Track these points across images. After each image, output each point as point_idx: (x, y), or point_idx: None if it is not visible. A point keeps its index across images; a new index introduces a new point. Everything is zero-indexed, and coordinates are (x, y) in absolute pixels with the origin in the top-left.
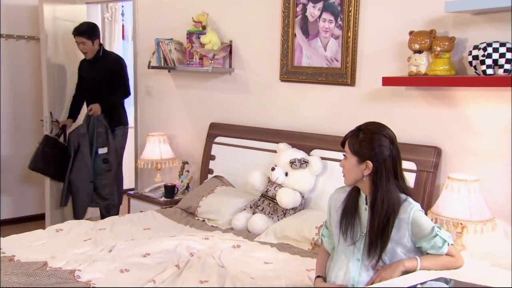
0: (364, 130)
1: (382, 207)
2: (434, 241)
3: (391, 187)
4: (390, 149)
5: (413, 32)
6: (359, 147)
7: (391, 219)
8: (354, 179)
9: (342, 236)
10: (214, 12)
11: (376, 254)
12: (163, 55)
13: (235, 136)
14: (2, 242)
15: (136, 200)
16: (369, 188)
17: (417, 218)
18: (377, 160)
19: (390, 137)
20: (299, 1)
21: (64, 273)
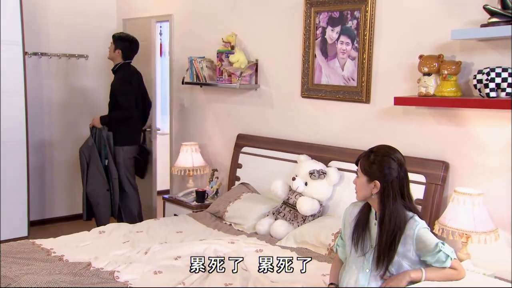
0: (375, 152)
1: (389, 224)
2: (438, 256)
3: (398, 206)
4: (398, 171)
5: (422, 56)
6: (369, 168)
7: (397, 236)
8: (364, 196)
9: (353, 247)
10: (242, 33)
11: (383, 266)
12: (195, 72)
13: (260, 147)
14: (53, 242)
15: (170, 204)
16: (377, 205)
17: (422, 235)
18: (385, 181)
19: (398, 160)
20: (319, 25)
21: (105, 273)
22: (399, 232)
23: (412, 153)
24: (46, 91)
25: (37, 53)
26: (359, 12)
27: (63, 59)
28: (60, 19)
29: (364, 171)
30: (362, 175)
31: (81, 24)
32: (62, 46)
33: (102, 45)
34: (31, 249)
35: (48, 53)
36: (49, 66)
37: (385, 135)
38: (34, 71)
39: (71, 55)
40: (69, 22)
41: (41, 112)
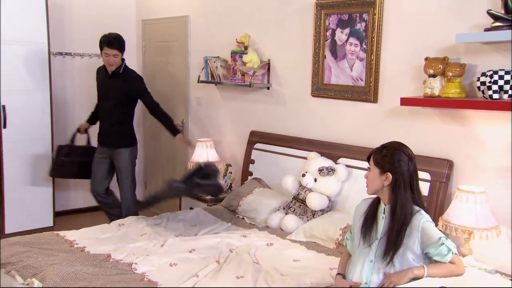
0: (387, 147)
1: (400, 214)
2: (440, 249)
3: (408, 198)
4: (408, 164)
5: (428, 58)
6: (381, 160)
7: (404, 226)
8: (375, 188)
9: (361, 239)
10: (255, 34)
11: (389, 256)
12: (210, 71)
13: (272, 143)
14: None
15: (186, 198)
16: (388, 197)
17: (426, 228)
18: (396, 173)
19: (409, 155)
20: (328, 27)
21: (123, 265)
22: (405, 223)
23: (417, 152)
24: (70, 89)
25: (62, 52)
26: (367, 14)
27: (85, 59)
28: (83, 20)
29: (377, 163)
30: (375, 168)
31: (102, 24)
32: (85, 46)
33: None
34: (56, 241)
35: (72, 53)
36: (72, 65)
37: (391, 133)
38: (58, 70)
39: (93, 54)
40: (92, 23)
41: (64, 109)
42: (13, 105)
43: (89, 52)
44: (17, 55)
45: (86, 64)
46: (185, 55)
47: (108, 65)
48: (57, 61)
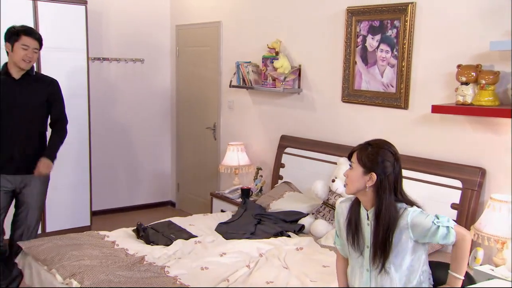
0: (373, 145)
1: (385, 218)
2: (440, 233)
3: (392, 201)
4: (394, 165)
5: (460, 66)
6: (366, 159)
7: (392, 230)
8: (356, 188)
9: (351, 247)
10: (286, 40)
11: (380, 263)
12: (242, 76)
13: (302, 148)
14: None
15: (217, 200)
16: (371, 200)
17: (416, 221)
18: (381, 173)
19: (395, 155)
20: (359, 33)
21: (156, 268)
22: (393, 228)
23: (449, 159)
24: (107, 93)
25: (99, 58)
26: (398, 21)
27: (121, 63)
28: (119, 26)
29: (361, 162)
30: (358, 167)
31: (138, 30)
32: (121, 51)
33: (156, 49)
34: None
35: (109, 58)
36: (109, 70)
37: (422, 140)
38: (96, 75)
39: (129, 59)
40: (127, 29)
41: (102, 112)
42: None
43: (125, 57)
44: (58, 61)
45: (122, 69)
46: (217, 60)
47: (23, 62)
48: (95, 66)
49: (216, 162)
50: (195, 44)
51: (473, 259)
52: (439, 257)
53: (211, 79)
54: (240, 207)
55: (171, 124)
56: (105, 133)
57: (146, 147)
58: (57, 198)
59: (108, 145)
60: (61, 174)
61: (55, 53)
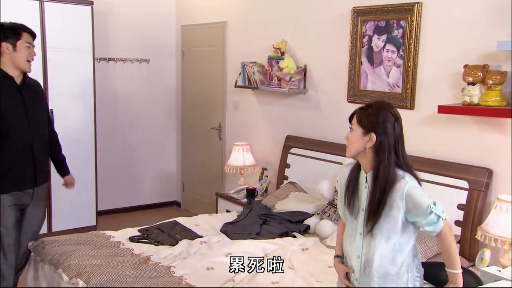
0: (372, 106)
1: (382, 179)
2: (430, 218)
3: (391, 162)
4: (394, 126)
5: (467, 66)
6: (366, 119)
7: (387, 191)
8: (356, 150)
9: (347, 210)
10: (292, 40)
11: (370, 226)
12: (247, 76)
13: (307, 148)
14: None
15: (223, 200)
16: (370, 162)
17: (411, 194)
18: (381, 134)
19: (395, 115)
20: (365, 33)
21: (162, 268)
22: (389, 190)
23: (455, 159)
24: (112, 93)
25: (105, 58)
26: (405, 21)
27: (127, 63)
28: (125, 26)
29: (360, 123)
30: (358, 128)
31: (143, 30)
32: (127, 52)
33: (162, 50)
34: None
35: (115, 58)
36: (115, 70)
37: (428, 140)
38: (102, 75)
39: (134, 59)
40: (133, 29)
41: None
42: (60, 109)
43: (131, 57)
44: (64, 61)
45: (127, 69)
46: (222, 60)
47: (27, 64)
48: (100, 66)
49: (221, 162)
50: (201, 44)
51: (480, 260)
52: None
53: (216, 79)
54: (246, 207)
55: (177, 124)
56: (110, 133)
57: (151, 147)
58: (63, 197)
59: (114, 145)
60: None
61: (61, 54)
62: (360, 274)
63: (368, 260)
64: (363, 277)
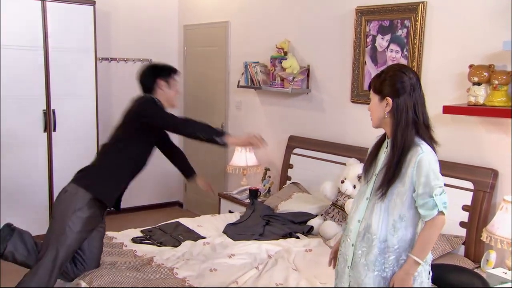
0: (385, 71)
1: (401, 140)
2: (428, 202)
3: (409, 124)
4: (411, 87)
5: (472, 66)
6: (380, 85)
7: (405, 153)
8: (378, 118)
9: (363, 175)
10: (295, 40)
11: (384, 187)
12: (250, 76)
13: (310, 149)
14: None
15: (225, 201)
16: (390, 127)
17: (422, 166)
18: (397, 96)
19: (410, 77)
20: (369, 33)
21: (165, 269)
22: (406, 152)
23: (460, 160)
24: (114, 93)
25: (107, 58)
26: (409, 21)
27: (129, 63)
28: (127, 26)
29: (375, 89)
30: (374, 95)
31: (146, 30)
32: (129, 51)
33: (164, 49)
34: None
35: (117, 58)
36: (117, 70)
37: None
38: (104, 75)
39: (137, 59)
40: (135, 29)
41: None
42: (62, 109)
43: (133, 57)
44: (66, 61)
45: (130, 69)
46: (225, 60)
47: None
48: (102, 66)
49: (223, 162)
50: (203, 44)
51: (486, 262)
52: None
53: (218, 79)
54: (248, 208)
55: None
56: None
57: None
58: None
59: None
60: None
61: (63, 53)
62: (358, 239)
63: (369, 225)
64: (360, 243)
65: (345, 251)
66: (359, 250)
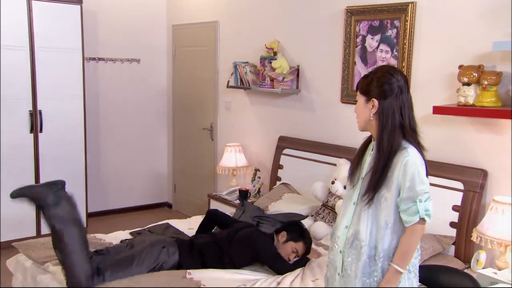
0: (372, 71)
1: (387, 144)
2: (411, 207)
3: (396, 127)
4: (398, 88)
5: (462, 66)
6: (367, 86)
7: (391, 157)
8: (363, 120)
9: (349, 180)
10: (285, 40)
11: (370, 194)
12: (239, 76)
13: (300, 149)
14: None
15: (215, 201)
16: (376, 129)
17: (408, 168)
18: (384, 97)
19: (399, 79)
20: (359, 33)
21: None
22: (393, 156)
23: (450, 160)
24: (102, 94)
25: (95, 58)
26: (399, 21)
27: (117, 63)
28: (115, 26)
29: (362, 90)
30: (361, 96)
31: (134, 30)
32: (117, 51)
33: (153, 49)
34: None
35: (105, 58)
36: (104, 70)
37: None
38: (91, 76)
39: (125, 59)
40: (123, 29)
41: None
42: (48, 110)
43: (121, 57)
44: (52, 61)
45: (118, 69)
46: (214, 60)
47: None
48: (90, 66)
49: (213, 163)
50: (192, 44)
51: (476, 262)
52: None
53: (208, 80)
54: (238, 209)
55: (168, 125)
56: (100, 134)
57: (142, 147)
58: None
59: (104, 146)
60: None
61: (50, 53)
62: (346, 246)
63: (357, 232)
64: (349, 250)
65: (334, 258)
66: (349, 258)
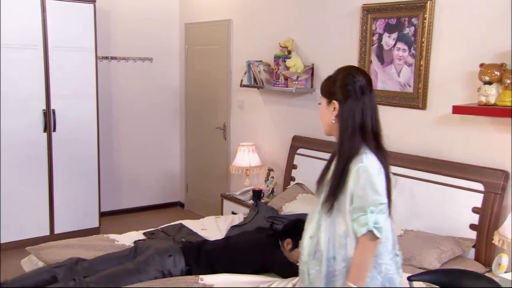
0: (334, 72)
1: (347, 147)
2: (360, 217)
3: (356, 130)
4: (359, 90)
5: (483, 65)
6: (328, 87)
7: (349, 162)
8: (326, 124)
9: (316, 187)
10: (299, 38)
11: (330, 202)
12: (253, 75)
13: (315, 149)
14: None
15: (228, 201)
16: (338, 133)
17: (360, 176)
18: (341, 99)
19: (360, 80)
20: (375, 31)
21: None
22: (350, 162)
23: (470, 161)
24: (115, 93)
25: (108, 57)
26: (416, 19)
27: (130, 62)
28: (128, 25)
29: (323, 92)
30: (323, 99)
31: (146, 29)
32: (129, 50)
33: (165, 48)
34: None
35: (117, 57)
36: (117, 69)
37: (441, 141)
38: (104, 74)
39: (137, 58)
40: (136, 28)
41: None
42: (62, 109)
43: (134, 56)
44: (66, 60)
45: (130, 68)
46: (227, 59)
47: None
48: (102, 65)
49: (225, 162)
50: (205, 43)
51: (497, 266)
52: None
53: (221, 79)
54: (252, 210)
55: (180, 124)
56: (113, 133)
57: (155, 147)
58: (66, 199)
59: (116, 145)
60: (69, 175)
61: (63, 52)
62: (309, 258)
63: (318, 242)
64: (312, 261)
65: (302, 268)
66: (313, 270)
